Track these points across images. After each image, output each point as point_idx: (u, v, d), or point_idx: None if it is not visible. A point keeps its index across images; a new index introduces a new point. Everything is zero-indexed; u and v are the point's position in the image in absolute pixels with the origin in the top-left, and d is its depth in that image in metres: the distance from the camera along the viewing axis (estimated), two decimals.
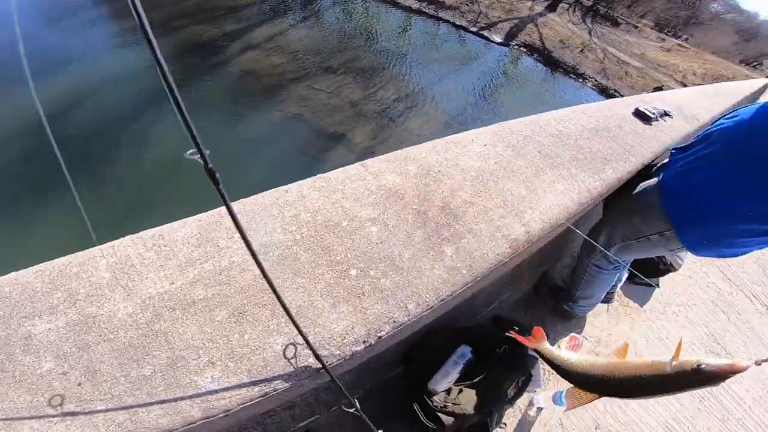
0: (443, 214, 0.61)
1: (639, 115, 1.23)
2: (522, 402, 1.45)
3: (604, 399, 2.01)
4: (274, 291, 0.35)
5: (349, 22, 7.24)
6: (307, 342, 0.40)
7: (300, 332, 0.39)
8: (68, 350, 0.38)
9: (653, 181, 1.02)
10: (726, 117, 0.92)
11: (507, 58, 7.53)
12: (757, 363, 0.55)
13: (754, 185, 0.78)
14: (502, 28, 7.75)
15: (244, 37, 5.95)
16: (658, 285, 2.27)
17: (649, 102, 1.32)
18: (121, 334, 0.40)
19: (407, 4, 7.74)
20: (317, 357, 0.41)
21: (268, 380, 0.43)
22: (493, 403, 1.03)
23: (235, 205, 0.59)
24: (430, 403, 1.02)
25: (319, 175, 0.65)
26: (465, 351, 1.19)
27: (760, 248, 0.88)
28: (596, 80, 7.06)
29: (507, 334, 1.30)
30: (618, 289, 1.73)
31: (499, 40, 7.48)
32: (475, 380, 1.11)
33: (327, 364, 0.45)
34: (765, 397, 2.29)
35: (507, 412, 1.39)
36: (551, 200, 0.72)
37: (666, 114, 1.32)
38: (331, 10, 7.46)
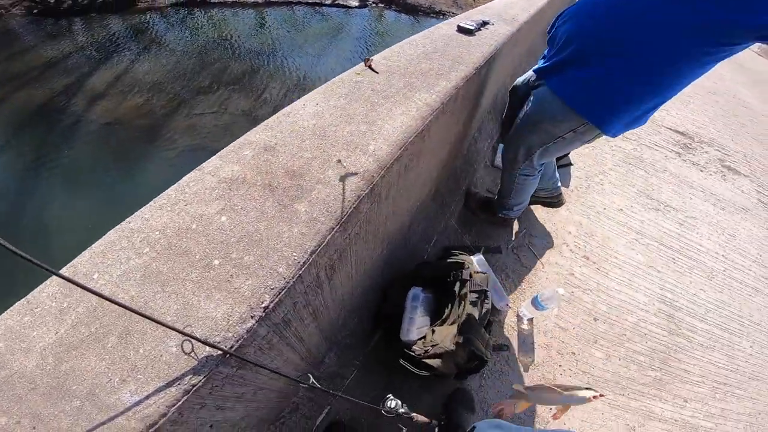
0: (288, 177, 0.64)
1: (462, 30, 1.35)
2: (511, 320, 1.50)
3: (589, 291, 1.98)
4: (117, 302, 0.36)
5: (198, 37, 6.66)
6: (182, 332, 0.44)
7: (167, 326, 0.43)
8: (8, 406, 0.43)
9: (542, 91, 1.08)
10: (565, 19, 0.99)
11: (371, 18, 7.60)
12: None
13: (633, 82, 0.87)
14: None
15: (84, 88, 5.18)
16: (571, 163, 2.50)
17: (469, 17, 1.45)
18: (38, 381, 0.45)
19: (252, 0, 7.32)
20: (208, 344, 0.46)
21: (179, 378, 0.47)
22: (467, 330, 1.03)
23: (86, 253, 0.57)
24: (413, 354, 1.03)
25: (159, 196, 0.63)
26: (416, 292, 1.19)
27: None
28: (453, 12, 7.48)
29: (449, 260, 1.33)
30: (559, 184, 1.80)
31: (355, 3, 7.48)
32: (443, 317, 1.12)
33: (229, 347, 0.50)
34: (729, 241, 2.49)
35: (501, 332, 1.44)
36: (392, 125, 0.78)
37: (485, 23, 1.46)
38: (170, 32, 6.76)
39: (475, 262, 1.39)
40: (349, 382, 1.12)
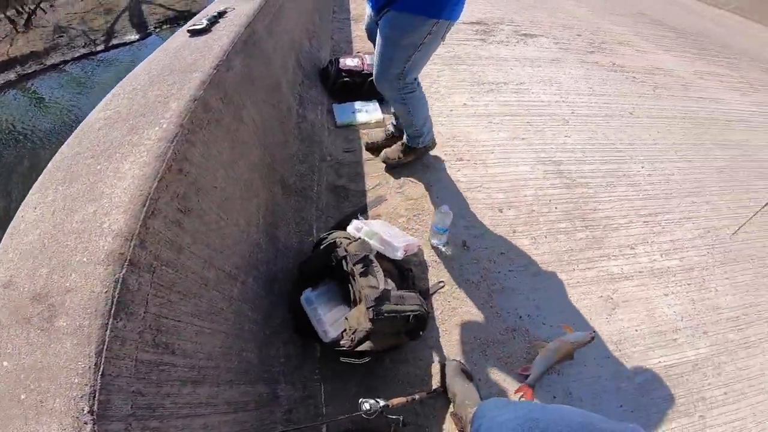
0: (37, 302, 0.60)
1: (194, 33, 1.28)
2: (431, 258, 1.46)
3: (480, 187, 1.94)
4: None
5: None
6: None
7: None
8: None
9: (390, 14, 1.23)
10: None
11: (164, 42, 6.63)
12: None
13: None
14: (123, 27, 6.55)
15: None
16: None
17: (203, 15, 1.35)
18: None
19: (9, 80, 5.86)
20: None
21: None
22: (372, 302, 0.99)
23: None
24: (344, 349, 1.01)
25: None
26: (306, 296, 1.15)
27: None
28: None
29: (322, 245, 1.25)
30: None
31: (135, 37, 6.44)
32: (352, 300, 1.10)
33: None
34: (560, 88, 2.74)
35: (428, 273, 1.40)
36: (123, 185, 0.74)
37: (222, 13, 1.39)
38: None
39: (352, 229, 1.29)
40: (323, 398, 1.10)
